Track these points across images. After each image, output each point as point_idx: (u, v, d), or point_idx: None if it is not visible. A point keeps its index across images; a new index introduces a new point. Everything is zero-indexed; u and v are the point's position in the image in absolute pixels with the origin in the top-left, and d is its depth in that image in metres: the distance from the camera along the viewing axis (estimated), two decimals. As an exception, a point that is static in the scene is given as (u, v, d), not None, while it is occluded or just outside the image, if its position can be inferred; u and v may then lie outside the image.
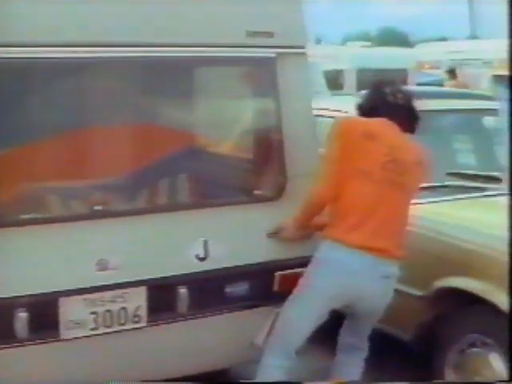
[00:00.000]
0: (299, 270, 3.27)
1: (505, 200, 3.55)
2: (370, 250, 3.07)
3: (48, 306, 2.96)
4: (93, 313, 3.06)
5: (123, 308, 3.10)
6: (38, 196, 3.12)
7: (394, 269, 3.16)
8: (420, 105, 3.33)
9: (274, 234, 3.34)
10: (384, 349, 3.44)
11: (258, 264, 3.33)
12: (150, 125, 3.25)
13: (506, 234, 3.18)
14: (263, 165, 3.45)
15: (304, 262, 3.25)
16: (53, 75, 3.05)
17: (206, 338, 3.33)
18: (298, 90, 3.39)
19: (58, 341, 3.02)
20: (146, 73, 3.25)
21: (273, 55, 3.33)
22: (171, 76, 3.29)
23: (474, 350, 3.49)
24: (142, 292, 3.13)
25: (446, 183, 4.04)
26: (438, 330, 3.61)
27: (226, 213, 3.29)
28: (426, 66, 19.68)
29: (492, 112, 4.76)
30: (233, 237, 3.28)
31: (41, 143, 3.04)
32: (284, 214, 3.32)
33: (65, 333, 3.02)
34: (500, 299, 3.24)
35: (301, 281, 3.20)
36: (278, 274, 3.35)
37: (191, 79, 3.45)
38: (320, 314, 3.18)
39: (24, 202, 3.06)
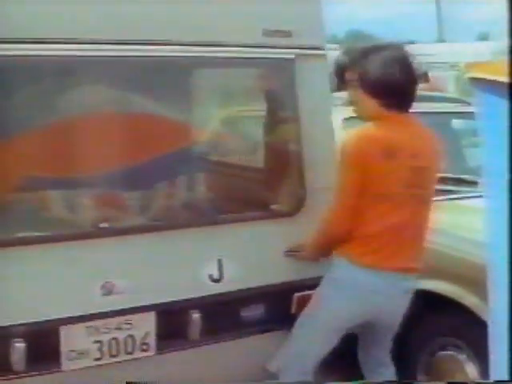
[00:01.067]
0: None
1: (478, 203, 3.47)
2: (392, 269, 2.87)
3: (47, 335, 2.70)
4: (97, 341, 2.81)
5: (130, 335, 2.86)
6: (34, 211, 2.82)
7: (413, 283, 3.00)
8: None
9: (293, 253, 3.08)
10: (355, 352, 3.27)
11: (276, 285, 3.09)
12: (158, 136, 2.99)
13: (477, 236, 3.01)
14: (280, 177, 3.21)
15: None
16: (43, 73, 2.80)
17: (219, 364, 3.07)
18: (317, 96, 3.13)
19: (58, 372, 2.75)
20: (152, 73, 2.98)
21: (291, 56, 3.06)
22: (180, 77, 3.05)
23: (446, 352, 3.46)
24: (151, 318, 2.87)
25: None
26: (409, 332, 3.52)
27: (241, 229, 3.04)
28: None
29: (462, 115, 4.82)
30: (249, 255, 3.04)
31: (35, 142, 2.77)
32: (303, 230, 3.08)
33: (66, 364, 2.76)
34: (471, 301, 3.21)
35: (315, 301, 2.99)
36: (296, 295, 3.12)
37: (201, 81, 3.19)
38: (338, 335, 2.99)
39: (18, 218, 2.77)
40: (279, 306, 3.10)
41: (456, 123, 5.02)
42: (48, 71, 2.80)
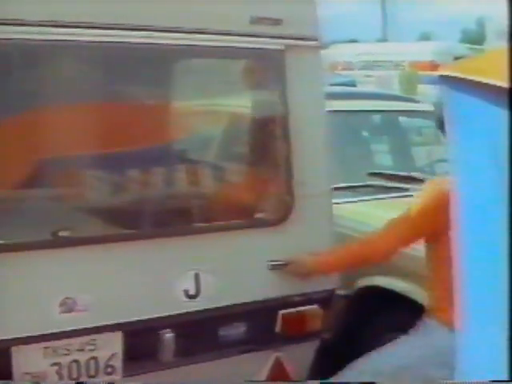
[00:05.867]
0: (305, 308, 2.90)
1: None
2: None
3: None
4: (55, 364, 2.52)
5: (93, 357, 2.57)
6: None
7: None
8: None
9: (281, 266, 2.78)
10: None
11: (259, 302, 2.80)
12: (133, 132, 2.71)
13: None
14: (266, 182, 2.93)
15: (311, 299, 2.88)
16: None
17: (195, 388, 2.78)
18: (309, 92, 2.83)
19: (10, 399, 2.47)
20: (125, 60, 2.70)
21: (281, 47, 2.76)
22: (157, 67, 2.77)
23: None
24: (118, 338, 2.59)
25: (369, 183, 4.03)
26: (360, 329, 3.56)
27: (221, 240, 2.75)
28: (339, 67, 19.84)
29: (409, 113, 4.96)
30: (229, 269, 2.75)
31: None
32: (290, 240, 2.82)
33: (19, 388, 2.47)
34: (421, 296, 3.14)
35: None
36: (281, 312, 2.85)
37: (180, 73, 2.90)
38: None
39: None
40: (262, 325, 2.84)
41: (403, 121, 5.13)
42: (19, 55, 2.53)
